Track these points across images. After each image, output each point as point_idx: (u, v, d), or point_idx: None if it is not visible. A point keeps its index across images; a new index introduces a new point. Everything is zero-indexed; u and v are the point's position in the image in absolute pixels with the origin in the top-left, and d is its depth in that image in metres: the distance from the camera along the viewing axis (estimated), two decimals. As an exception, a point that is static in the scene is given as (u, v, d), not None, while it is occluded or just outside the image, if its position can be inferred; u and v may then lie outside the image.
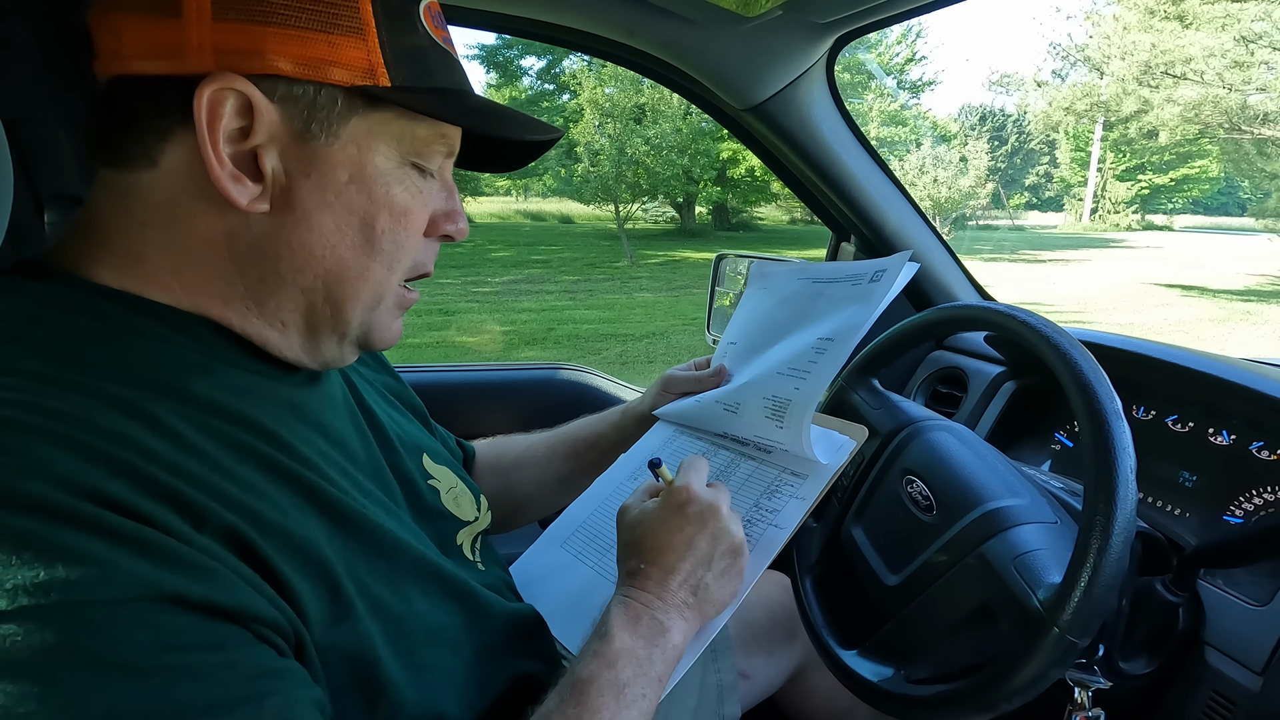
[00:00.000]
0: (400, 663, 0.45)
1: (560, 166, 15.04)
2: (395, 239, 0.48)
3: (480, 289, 9.76)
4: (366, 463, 0.54)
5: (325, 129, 0.44)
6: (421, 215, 0.50)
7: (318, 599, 0.41)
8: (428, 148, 0.49)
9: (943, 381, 1.14)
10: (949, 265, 1.19)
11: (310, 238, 0.46)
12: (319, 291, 0.47)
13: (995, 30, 66.24)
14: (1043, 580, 0.57)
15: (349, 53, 0.44)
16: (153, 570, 0.33)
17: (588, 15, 0.88)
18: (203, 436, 0.41)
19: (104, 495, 0.34)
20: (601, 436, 0.85)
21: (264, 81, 0.42)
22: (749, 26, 0.84)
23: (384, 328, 0.52)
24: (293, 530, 0.41)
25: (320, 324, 0.49)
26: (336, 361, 0.52)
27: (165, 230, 0.44)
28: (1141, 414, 0.86)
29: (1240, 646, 0.63)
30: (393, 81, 0.45)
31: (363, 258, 0.48)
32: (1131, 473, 0.53)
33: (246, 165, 0.44)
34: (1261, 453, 0.74)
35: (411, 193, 0.49)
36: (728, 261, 1.51)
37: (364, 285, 0.48)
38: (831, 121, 1.04)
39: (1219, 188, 25.95)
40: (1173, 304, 9.22)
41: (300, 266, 0.46)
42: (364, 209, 0.47)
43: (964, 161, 14.45)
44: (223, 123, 0.42)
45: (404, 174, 0.48)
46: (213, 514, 0.37)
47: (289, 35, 0.42)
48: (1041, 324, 0.64)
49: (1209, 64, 10.16)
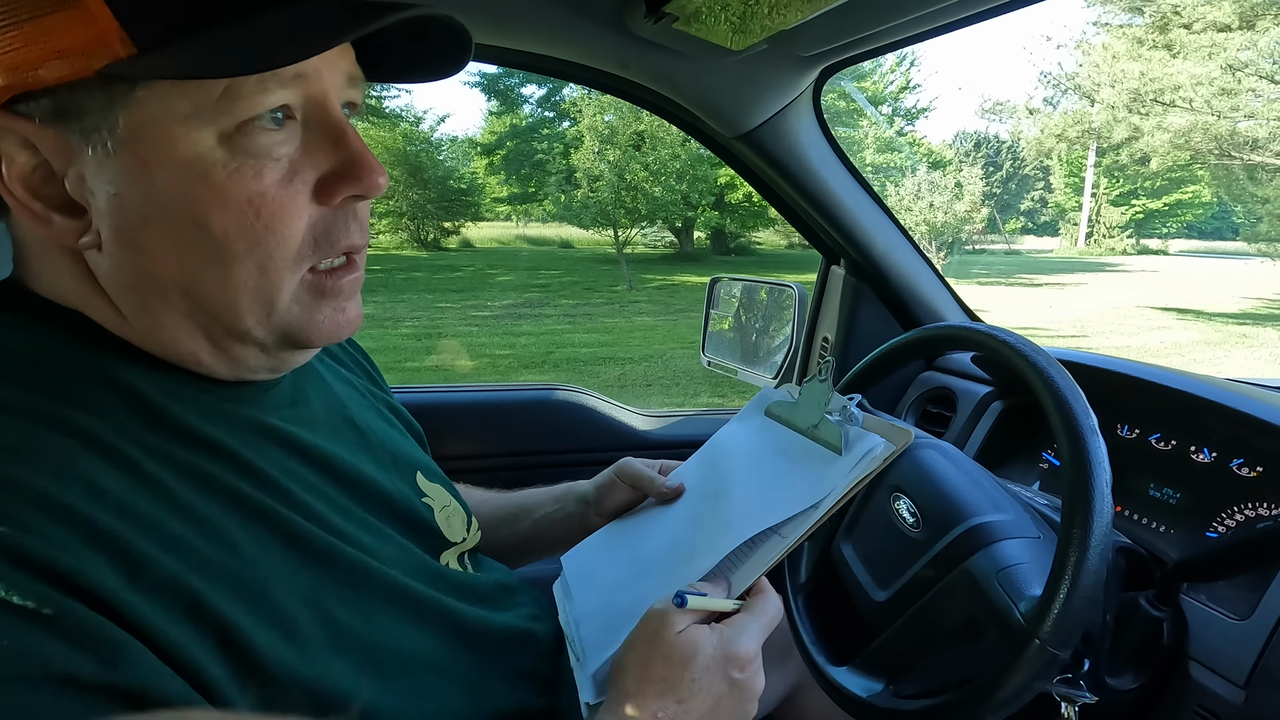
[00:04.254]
0: (377, 690, 0.43)
1: (560, 192, 15.21)
2: (249, 235, 0.40)
3: (479, 313, 9.80)
4: (353, 482, 0.52)
5: (102, 136, 0.37)
6: (281, 193, 0.40)
7: (273, 637, 0.39)
8: (245, 100, 0.38)
9: (933, 401, 1.16)
10: (936, 287, 1.21)
11: (150, 261, 0.40)
12: (198, 312, 0.42)
13: (987, 59, 67.51)
14: (1024, 593, 0.58)
15: (70, 32, 0.34)
16: (45, 644, 0.30)
17: (583, 49, 0.92)
18: (162, 467, 0.39)
19: (22, 553, 0.31)
20: (539, 507, 0.77)
21: (25, 103, 0.36)
22: (737, 59, 0.88)
23: (309, 324, 0.44)
24: (241, 570, 0.39)
25: (223, 341, 0.43)
26: (282, 365, 0.47)
27: (53, 268, 0.41)
28: (1126, 432, 0.88)
29: (1223, 660, 0.64)
30: (138, 45, 0.35)
31: (216, 267, 0.40)
32: (1107, 486, 0.55)
33: (64, 201, 0.39)
34: (1242, 469, 0.75)
35: (250, 171, 0.39)
36: (722, 285, 1.54)
37: (237, 294, 0.41)
38: (819, 149, 1.07)
39: (1212, 212, 26.22)
40: (1169, 327, 9.27)
41: (162, 293, 0.41)
42: (190, 212, 0.39)
43: (959, 187, 14.60)
44: (15, 165, 0.37)
45: (231, 151, 0.38)
46: (152, 563, 0.35)
47: (13, 39, 0.35)
48: (1020, 343, 0.66)
49: (1197, 92, 10.36)
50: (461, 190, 17.96)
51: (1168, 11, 10.74)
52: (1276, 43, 10.03)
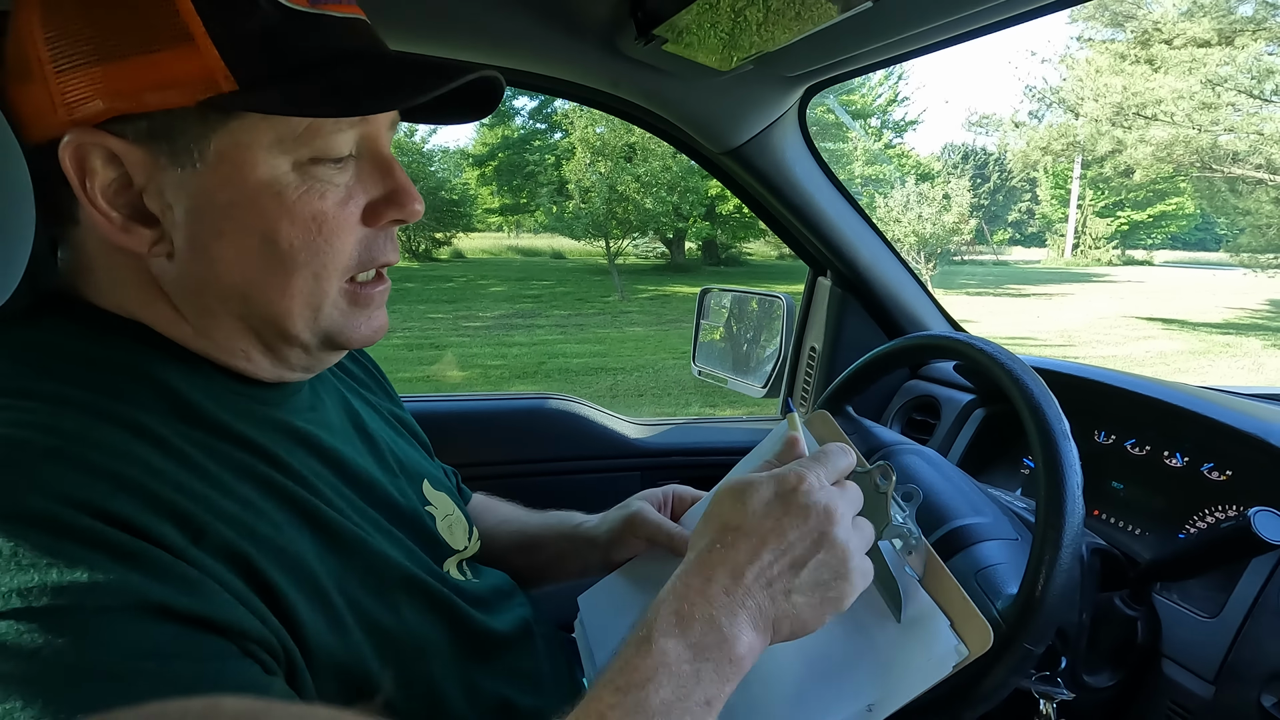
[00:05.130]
0: (388, 676, 0.46)
1: (552, 203, 15.28)
2: (311, 247, 0.45)
3: (471, 323, 9.81)
4: (364, 485, 0.54)
5: (191, 156, 0.42)
6: (339, 213, 0.46)
7: (312, 610, 0.43)
8: (323, 139, 0.44)
9: (917, 409, 1.19)
10: (919, 297, 1.24)
11: (218, 270, 0.45)
12: (252, 316, 0.47)
13: (973, 73, 68.47)
14: (1001, 591, 0.60)
15: (179, 66, 0.40)
16: (141, 581, 0.34)
17: (576, 68, 0.95)
18: (205, 456, 0.42)
19: (106, 511, 0.35)
20: (551, 543, 0.75)
21: (120, 124, 0.41)
22: (724, 78, 0.91)
23: (346, 328, 0.50)
24: (286, 545, 0.43)
25: (273, 342, 0.48)
26: (317, 365, 0.52)
27: (115, 277, 0.46)
28: (1102, 438, 0.91)
29: (1194, 657, 0.67)
30: (240, 82, 0.41)
31: (279, 275, 0.45)
32: (1078, 489, 0.57)
33: (139, 212, 0.43)
34: (1212, 473, 0.78)
35: (317, 194, 0.45)
36: (712, 295, 1.56)
37: (293, 300, 0.46)
38: (804, 164, 1.11)
39: (1196, 223, 26.63)
40: (1155, 336, 9.39)
41: (224, 298, 0.46)
42: (261, 226, 0.44)
43: (947, 199, 14.77)
44: (98, 178, 0.42)
45: (302, 176, 0.44)
46: (211, 529, 0.39)
47: (121, 69, 0.40)
48: (997, 351, 0.68)
49: (1178, 106, 10.56)
50: (453, 201, 18.00)
51: (1149, 28, 10.98)
52: (1255, 58, 10.26)
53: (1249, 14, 10.43)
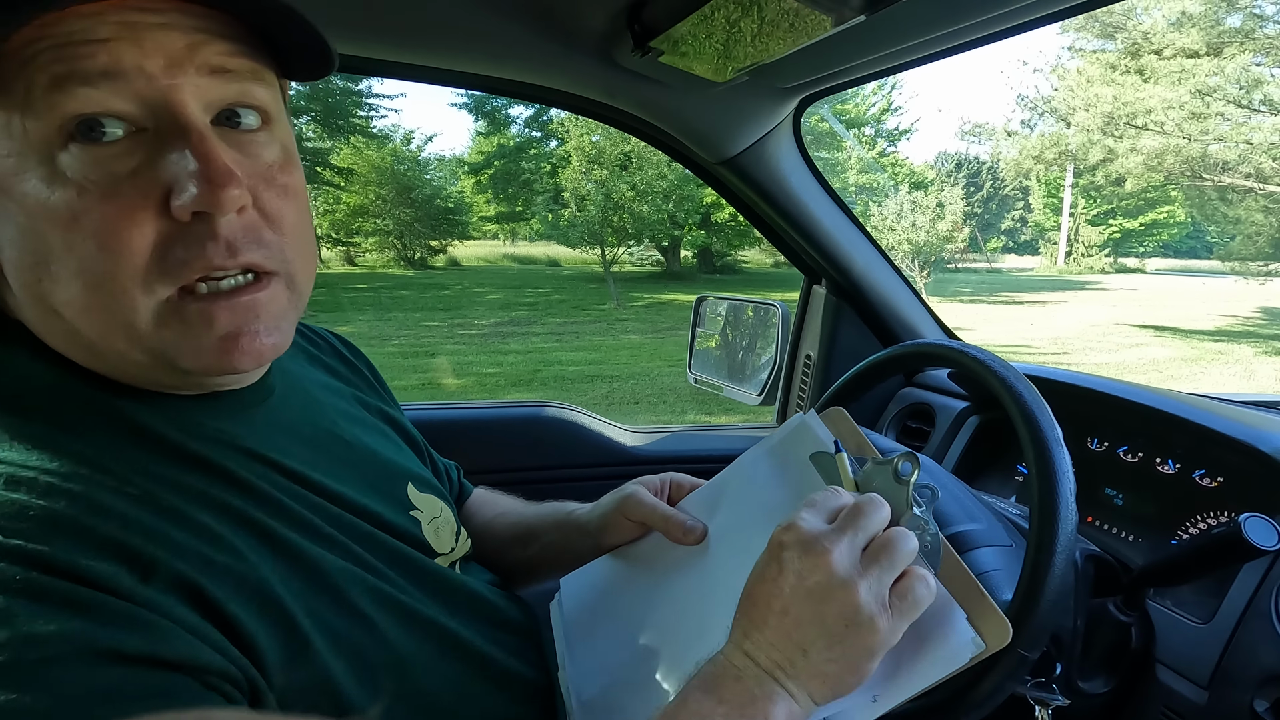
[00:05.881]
0: (368, 694, 0.45)
1: (548, 211, 15.31)
2: (79, 253, 0.38)
3: (467, 331, 9.80)
4: (331, 497, 0.52)
5: None
6: (104, 208, 0.38)
7: (273, 639, 0.41)
8: (47, 101, 0.36)
9: (912, 416, 1.19)
10: (914, 305, 1.25)
11: (28, 296, 0.41)
12: (73, 335, 0.42)
13: (966, 82, 69.08)
14: (996, 597, 0.60)
15: None
16: (86, 627, 0.33)
17: (572, 79, 0.96)
18: (157, 485, 0.41)
19: (44, 560, 0.34)
20: (544, 533, 0.74)
21: None
22: (720, 89, 0.92)
23: (184, 351, 0.42)
24: (247, 573, 0.41)
25: (119, 362, 0.43)
26: (206, 384, 0.48)
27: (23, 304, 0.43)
28: (1096, 445, 0.91)
29: (1187, 662, 0.67)
30: None
31: (67, 293, 0.40)
32: (1071, 495, 0.57)
33: None
34: (1203, 480, 0.79)
35: (62, 186, 0.37)
36: (708, 303, 1.57)
37: (95, 320, 0.40)
38: (799, 174, 1.12)
39: (1187, 231, 26.84)
40: (1147, 344, 9.45)
41: (67, 328, 0.42)
42: (24, 241, 0.39)
43: (941, 207, 14.85)
44: None
45: (44, 165, 0.37)
46: (163, 564, 0.37)
47: None
48: (990, 358, 0.69)
49: (1168, 115, 10.66)
50: (449, 209, 18.04)
51: (1139, 38, 11.10)
52: (1243, 69, 10.38)
53: (1237, 25, 10.57)
